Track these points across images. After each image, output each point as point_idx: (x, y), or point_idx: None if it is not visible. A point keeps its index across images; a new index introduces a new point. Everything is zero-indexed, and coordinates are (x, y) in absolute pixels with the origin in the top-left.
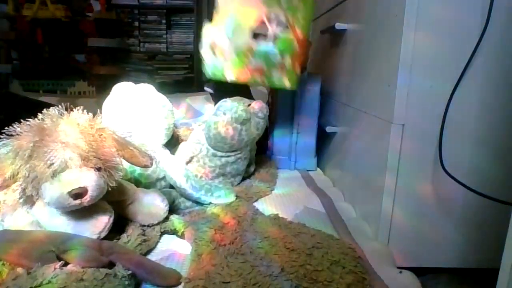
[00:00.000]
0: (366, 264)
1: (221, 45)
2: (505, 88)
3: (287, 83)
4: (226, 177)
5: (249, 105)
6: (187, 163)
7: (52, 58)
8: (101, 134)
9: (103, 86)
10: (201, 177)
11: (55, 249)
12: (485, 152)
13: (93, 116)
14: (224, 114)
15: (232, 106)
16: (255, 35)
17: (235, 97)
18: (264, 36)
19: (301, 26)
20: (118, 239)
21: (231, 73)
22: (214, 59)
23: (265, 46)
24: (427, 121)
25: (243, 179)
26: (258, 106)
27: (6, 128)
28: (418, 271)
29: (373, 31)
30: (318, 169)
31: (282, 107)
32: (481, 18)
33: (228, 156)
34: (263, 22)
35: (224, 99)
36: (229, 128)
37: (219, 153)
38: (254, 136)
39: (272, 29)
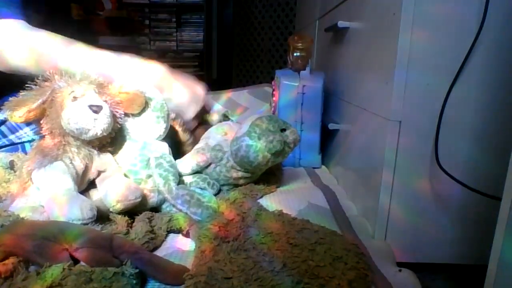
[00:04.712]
0: (368, 260)
1: None
2: (502, 85)
3: None
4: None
5: (282, 130)
6: (205, 168)
7: None
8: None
9: None
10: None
11: (66, 244)
12: (481, 149)
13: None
14: (259, 139)
15: (268, 133)
16: None
17: (270, 116)
18: None
19: None
20: (126, 235)
21: None
22: None
23: None
24: (424, 118)
25: None
26: (292, 137)
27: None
28: (415, 267)
29: (373, 29)
30: (323, 166)
31: (285, 105)
32: (478, 15)
33: (245, 172)
34: None
35: (260, 117)
36: (260, 156)
37: (238, 167)
38: (277, 163)
39: None
